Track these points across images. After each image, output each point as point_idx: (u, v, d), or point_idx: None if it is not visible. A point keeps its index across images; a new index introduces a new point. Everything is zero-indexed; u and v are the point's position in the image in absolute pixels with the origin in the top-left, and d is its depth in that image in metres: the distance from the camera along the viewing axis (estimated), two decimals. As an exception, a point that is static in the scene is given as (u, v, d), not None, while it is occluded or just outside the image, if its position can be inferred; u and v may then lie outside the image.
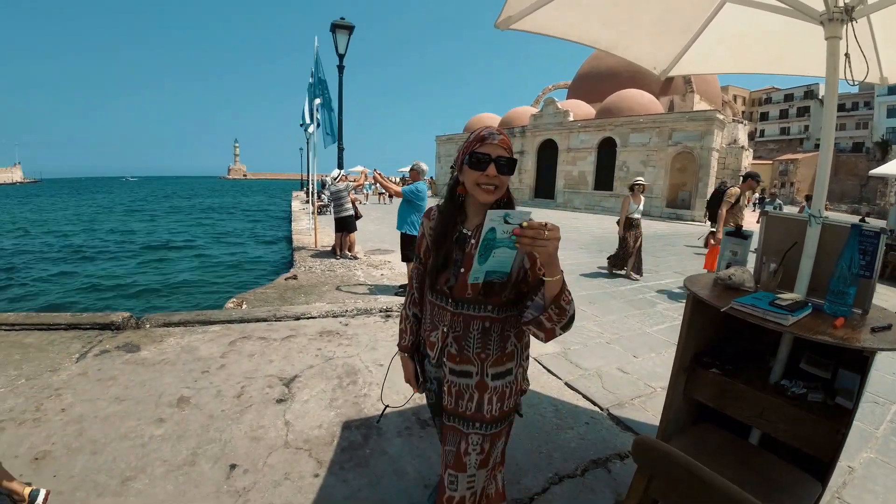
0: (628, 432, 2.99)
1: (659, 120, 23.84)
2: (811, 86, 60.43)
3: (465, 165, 1.40)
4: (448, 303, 1.49)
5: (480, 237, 1.14)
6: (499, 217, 1.09)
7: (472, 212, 1.51)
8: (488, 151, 1.37)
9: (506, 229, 1.10)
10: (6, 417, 2.99)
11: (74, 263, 13.70)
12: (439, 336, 1.53)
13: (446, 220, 1.52)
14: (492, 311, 1.46)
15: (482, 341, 1.48)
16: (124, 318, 4.63)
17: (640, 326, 5.15)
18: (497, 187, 1.40)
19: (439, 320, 1.54)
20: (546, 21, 2.52)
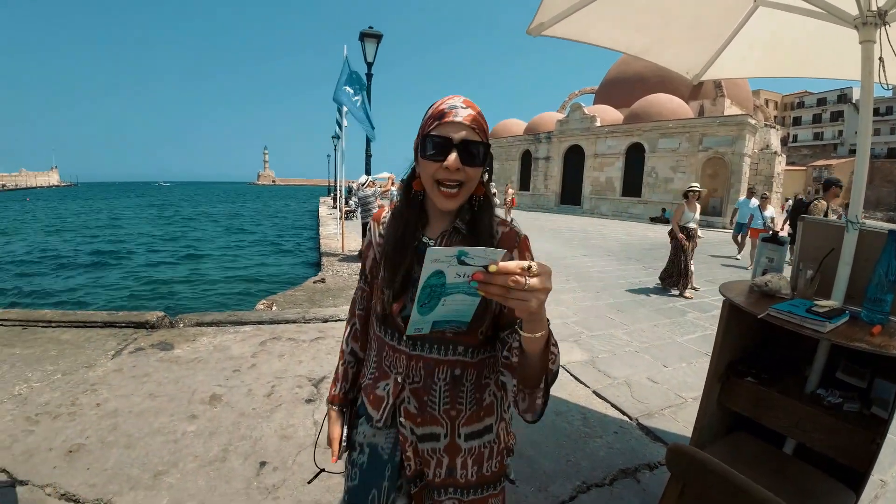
0: (658, 443, 2.93)
1: (689, 125, 23.45)
2: (844, 89, 58.54)
3: (420, 154, 1.03)
4: (403, 342, 1.08)
5: (420, 281, 0.75)
6: (448, 257, 0.73)
7: (436, 213, 1.11)
8: (448, 133, 0.97)
9: (462, 272, 0.74)
10: (42, 411, 3.10)
11: (107, 266, 14.17)
12: (390, 389, 1.10)
13: (402, 225, 1.10)
14: (464, 354, 1.07)
15: (451, 394, 1.08)
16: (159, 318, 4.77)
17: (669, 335, 5.05)
18: (461, 185, 1.01)
19: (391, 366, 1.11)
20: (578, 27, 2.51)
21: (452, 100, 1.01)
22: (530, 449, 2.75)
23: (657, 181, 24.78)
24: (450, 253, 0.73)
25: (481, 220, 1.07)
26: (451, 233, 1.08)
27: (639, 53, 2.86)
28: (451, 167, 0.97)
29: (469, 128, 0.98)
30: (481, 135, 1.00)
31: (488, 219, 1.08)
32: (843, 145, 58.12)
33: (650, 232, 18.33)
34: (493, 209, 1.10)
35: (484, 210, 1.09)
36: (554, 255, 10.81)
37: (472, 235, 1.05)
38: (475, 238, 1.04)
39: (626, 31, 2.70)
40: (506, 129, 36.84)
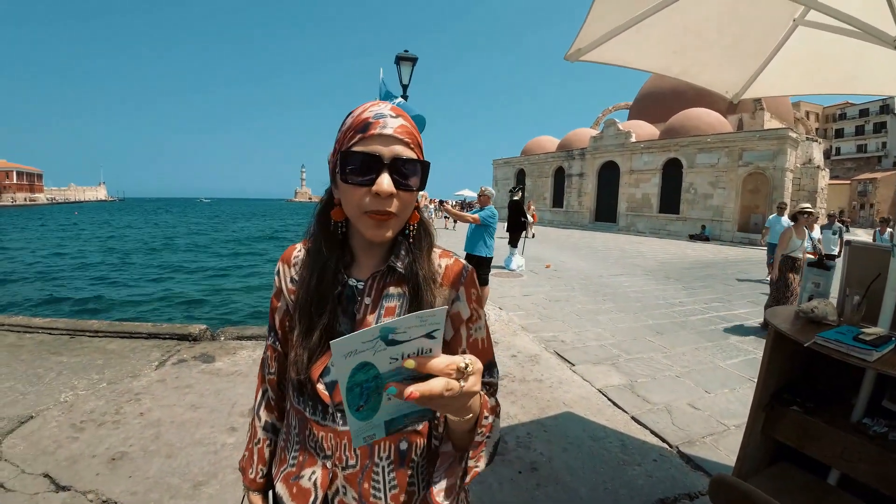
0: (699, 471, 2.82)
1: (728, 139, 22.91)
2: (886, 100, 56.36)
3: (338, 175, 0.80)
4: (329, 415, 0.84)
5: (340, 383, 0.56)
6: (368, 344, 0.54)
7: (363, 249, 0.89)
8: (376, 150, 0.76)
9: (398, 353, 0.56)
10: (87, 418, 3.22)
11: (156, 280, 14.72)
12: (318, 478, 0.85)
13: (320, 266, 0.86)
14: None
15: (399, 475, 0.84)
16: (201, 331, 4.93)
17: (711, 360, 4.87)
18: (393, 216, 0.80)
19: (315, 447, 0.86)
20: (616, 52, 2.50)
21: (378, 107, 0.80)
22: (566, 475, 2.69)
23: (696, 197, 24.19)
24: (368, 338, 0.54)
25: (420, 256, 0.87)
26: (385, 273, 0.87)
27: (677, 75, 2.83)
28: (382, 193, 0.76)
29: (402, 142, 0.78)
30: (417, 151, 0.81)
31: (428, 251, 0.90)
32: (887, 157, 55.92)
33: (689, 250, 17.81)
34: (433, 238, 0.92)
35: (422, 241, 0.89)
36: (589, 274, 10.65)
37: (411, 276, 0.85)
38: (415, 278, 0.85)
39: (663, 54, 2.69)
40: (539, 145, 36.82)
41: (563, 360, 4.68)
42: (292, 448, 0.91)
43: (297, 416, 0.89)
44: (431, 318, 0.55)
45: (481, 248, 6.09)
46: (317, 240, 0.89)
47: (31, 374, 3.92)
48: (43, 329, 5.06)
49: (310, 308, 0.85)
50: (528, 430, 3.20)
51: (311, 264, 0.88)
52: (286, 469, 0.90)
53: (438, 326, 0.56)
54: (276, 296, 0.96)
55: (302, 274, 0.90)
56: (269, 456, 1.01)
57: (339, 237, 0.88)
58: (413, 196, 0.82)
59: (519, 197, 10.24)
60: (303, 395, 0.86)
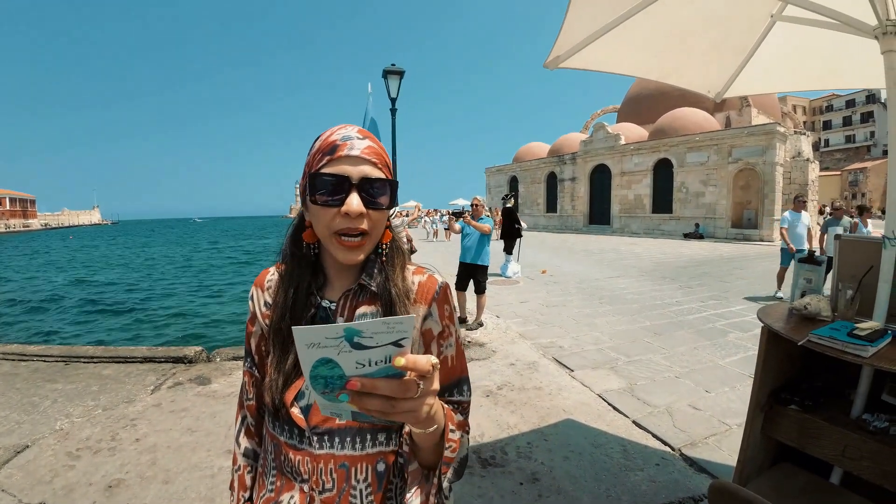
0: (703, 474, 2.80)
1: (716, 137, 23.11)
2: (872, 90, 57.26)
3: (308, 198, 0.82)
4: (304, 439, 0.83)
5: (304, 371, 0.56)
6: (332, 341, 0.53)
7: (336, 270, 0.90)
8: (344, 171, 0.78)
9: (365, 359, 0.55)
10: (83, 446, 3.18)
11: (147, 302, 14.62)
12: (296, 503, 0.84)
13: (292, 288, 0.87)
14: (386, 442, 0.84)
15: (377, 497, 0.84)
16: (196, 352, 4.88)
17: (711, 358, 4.86)
18: (366, 234, 0.82)
19: (292, 471, 0.85)
20: (595, 57, 2.52)
21: (345, 129, 0.82)
22: (568, 484, 2.66)
23: (688, 196, 24.35)
24: (332, 334, 0.52)
25: (393, 273, 0.88)
26: (357, 292, 0.88)
27: (659, 78, 2.85)
28: (352, 213, 0.77)
29: (369, 162, 0.80)
30: (385, 170, 0.83)
31: (401, 269, 0.90)
32: (876, 146, 56.78)
33: (684, 249, 17.86)
34: (406, 256, 0.93)
35: (395, 259, 0.90)
36: (585, 278, 10.65)
37: (384, 293, 0.86)
38: (388, 295, 0.85)
39: (643, 57, 2.70)
40: (530, 152, 37.02)
41: (561, 366, 4.66)
42: (270, 473, 0.90)
43: (273, 440, 0.88)
44: (398, 325, 0.54)
45: (485, 256, 6.19)
46: (289, 263, 0.90)
47: (27, 403, 3.87)
48: (37, 356, 5.00)
49: (283, 331, 0.85)
50: (528, 439, 3.16)
51: (285, 287, 0.88)
52: (265, 494, 0.90)
53: (406, 335, 0.54)
54: (251, 321, 0.96)
55: (275, 297, 0.90)
56: (250, 482, 1.00)
57: (312, 259, 0.89)
58: (384, 215, 0.84)
59: (512, 204, 10.27)
60: (278, 419, 0.86)
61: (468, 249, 6.19)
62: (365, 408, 0.57)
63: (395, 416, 0.59)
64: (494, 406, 3.69)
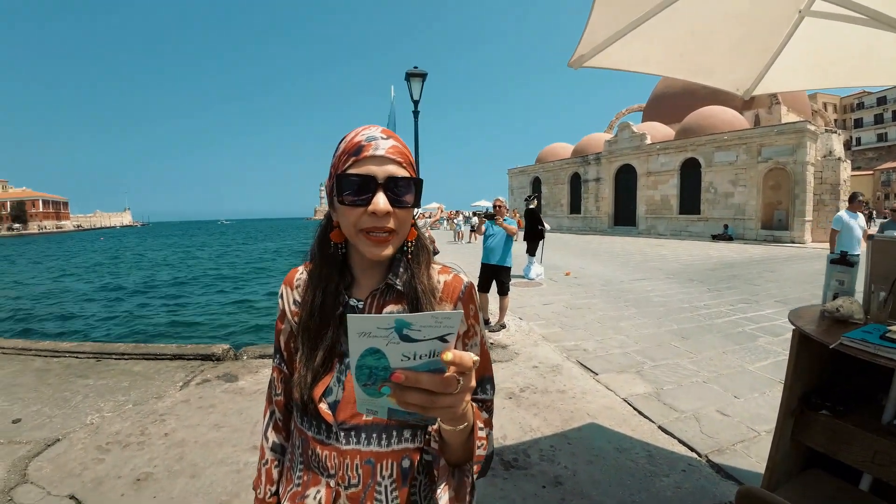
0: (730, 481, 2.73)
1: (745, 136, 22.53)
2: (905, 86, 55.36)
3: (335, 198, 0.84)
4: (332, 434, 0.85)
5: (351, 360, 0.57)
6: (383, 331, 0.54)
7: (363, 269, 0.92)
8: (370, 170, 0.80)
9: (411, 352, 0.56)
10: (113, 440, 3.27)
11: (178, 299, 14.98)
12: (322, 497, 0.85)
13: (321, 287, 0.89)
14: (412, 439, 0.85)
15: (403, 494, 0.85)
16: (224, 350, 4.99)
17: (740, 363, 4.74)
18: (393, 232, 0.83)
19: (319, 466, 0.87)
20: (620, 57, 2.48)
21: (369, 130, 0.84)
22: (592, 488, 2.63)
23: (717, 196, 23.79)
24: (384, 325, 0.53)
25: (419, 271, 0.89)
26: (384, 291, 0.89)
27: (686, 77, 2.79)
28: (379, 212, 0.79)
29: (395, 162, 0.82)
30: (409, 169, 0.84)
31: (426, 267, 0.91)
32: (909, 145, 54.82)
33: (712, 251, 17.45)
34: (430, 254, 0.94)
35: (420, 257, 0.91)
36: (610, 280, 10.51)
37: (410, 291, 0.87)
38: (413, 294, 0.87)
39: (670, 55, 2.64)
40: (553, 152, 36.74)
41: (585, 369, 4.61)
42: (297, 468, 0.92)
43: (301, 435, 0.91)
44: (446, 320, 0.54)
45: (509, 258, 6.15)
46: (317, 262, 0.93)
47: (58, 398, 4.00)
48: (70, 353, 5.17)
49: (312, 329, 0.87)
50: (551, 443, 3.14)
51: (313, 286, 0.90)
52: (292, 489, 0.92)
53: (452, 330, 0.55)
54: (281, 318, 0.99)
55: (304, 296, 0.92)
56: (276, 476, 1.02)
57: (339, 258, 0.91)
58: (409, 213, 0.85)
59: (535, 205, 10.20)
60: (306, 414, 0.88)
61: (492, 251, 6.16)
62: (405, 401, 0.57)
63: (434, 411, 0.59)
64: (517, 408, 3.67)
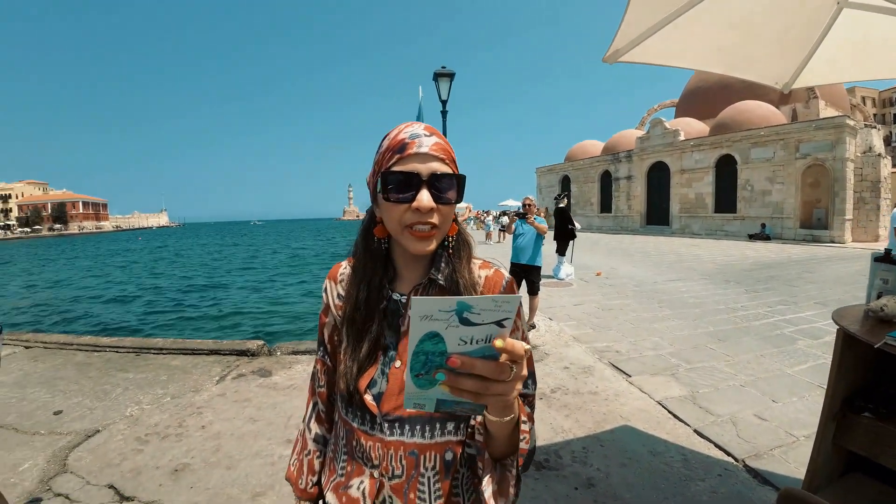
0: (767, 486, 2.66)
1: (782, 131, 21.73)
2: (946, 78, 52.37)
3: (380, 195, 0.85)
4: (376, 426, 0.86)
5: (409, 345, 0.57)
6: (444, 314, 0.54)
7: (405, 263, 0.93)
8: (414, 167, 0.81)
9: (469, 336, 0.56)
10: (151, 432, 3.38)
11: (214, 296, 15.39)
12: (366, 488, 0.86)
13: (365, 281, 0.91)
14: (455, 432, 0.86)
15: (445, 486, 0.86)
16: (258, 346, 5.13)
17: (778, 367, 4.59)
18: (436, 227, 0.83)
19: (363, 457, 0.88)
20: (657, 50, 2.43)
21: (412, 127, 0.84)
22: (625, 491, 2.59)
23: (753, 194, 23.03)
24: (446, 307, 0.54)
25: (460, 266, 0.91)
26: (427, 285, 0.91)
27: (723, 71, 2.72)
28: (423, 209, 0.80)
29: (438, 158, 0.82)
30: (452, 165, 0.85)
31: (467, 261, 0.93)
32: (952, 140, 51.91)
33: (749, 251, 16.92)
34: (472, 249, 0.95)
35: (461, 252, 0.93)
36: (643, 281, 10.30)
37: (452, 285, 0.89)
38: (455, 288, 0.89)
39: (706, 50, 2.58)
40: (583, 150, 36.25)
41: (618, 371, 4.53)
42: (340, 458, 0.93)
43: (346, 426, 0.92)
44: (505, 304, 0.55)
45: (539, 257, 6.07)
46: (361, 257, 0.94)
47: (99, 391, 4.17)
48: (110, 347, 5.40)
49: (357, 322, 0.89)
50: (583, 444, 3.10)
51: (357, 280, 0.92)
52: (335, 479, 0.93)
53: (510, 315, 0.55)
54: (325, 312, 1.00)
55: (348, 290, 0.94)
56: (318, 467, 1.04)
57: (382, 253, 0.92)
58: (452, 209, 0.86)
59: (565, 204, 10.09)
60: (351, 405, 0.89)
61: (522, 250, 6.09)
62: (459, 387, 0.58)
63: (485, 398, 0.60)
64: (548, 409, 3.64)
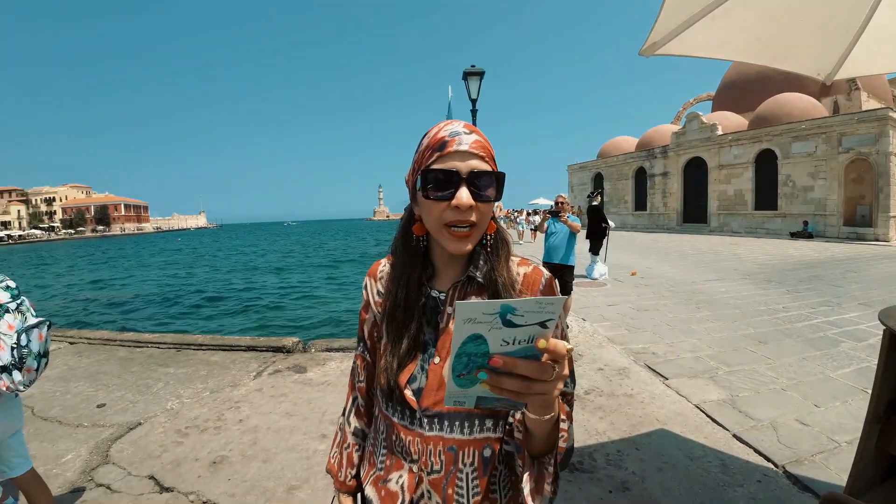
0: (807, 493, 2.57)
1: (824, 125, 20.67)
2: None
3: (419, 193, 0.85)
4: (416, 421, 0.87)
5: (452, 347, 0.57)
6: (488, 317, 0.55)
7: (444, 261, 0.94)
8: (454, 165, 0.81)
9: (511, 337, 0.56)
10: (192, 425, 3.50)
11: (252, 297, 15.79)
12: (405, 482, 0.88)
13: (405, 278, 0.92)
14: (494, 429, 0.86)
15: (483, 482, 0.86)
16: (293, 343, 5.25)
17: (821, 370, 4.41)
18: (475, 225, 0.84)
19: (402, 451, 0.89)
20: (694, 42, 2.37)
21: (452, 125, 0.84)
22: (661, 496, 2.54)
23: (795, 190, 22.05)
24: (490, 310, 0.54)
25: (498, 264, 0.91)
26: (465, 283, 0.91)
27: (763, 62, 2.63)
28: (462, 206, 0.80)
29: (477, 156, 0.82)
30: (491, 163, 0.85)
31: (505, 259, 0.92)
32: None
33: (791, 249, 16.26)
34: (510, 247, 0.95)
35: (500, 250, 0.92)
36: (680, 280, 10.01)
37: (490, 283, 0.88)
38: (494, 286, 0.88)
39: (745, 40, 2.50)
40: (616, 146, 35.54)
41: (655, 373, 4.44)
42: (380, 452, 0.95)
43: (386, 420, 0.93)
44: (549, 305, 0.55)
45: (572, 256, 5.98)
46: (400, 255, 0.95)
47: (141, 385, 4.34)
48: (152, 343, 5.63)
49: (397, 318, 0.91)
50: (618, 447, 3.06)
51: (396, 277, 0.93)
52: (375, 473, 0.95)
53: (553, 316, 0.55)
54: (365, 308, 1.03)
55: (388, 287, 0.95)
56: (357, 460, 1.06)
57: (421, 251, 0.94)
58: (490, 206, 0.86)
59: (598, 202, 9.91)
60: (391, 400, 0.91)
61: (555, 249, 6.01)
62: (501, 387, 0.58)
63: (527, 397, 0.60)
64: (582, 410, 3.60)
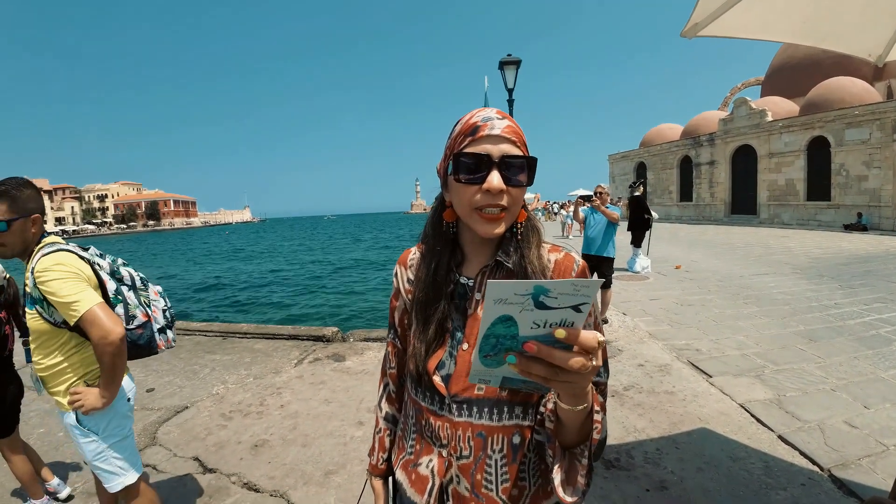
0: (852, 498, 2.48)
1: (878, 110, 19.20)
2: None
3: (451, 177, 0.85)
4: (445, 406, 0.88)
5: (480, 328, 0.55)
6: (520, 297, 0.52)
7: (473, 247, 0.94)
8: (486, 150, 0.81)
9: (542, 320, 0.54)
10: (235, 409, 3.66)
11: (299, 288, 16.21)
12: (435, 466, 0.89)
13: (433, 264, 0.93)
14: (523, 416, 0.86)
15: (511, 468, 0.86)
16: (333, 332, 5.42)
17: (873, 370, 4.20)
18: (506, 210, 0.83)
19: (431, 436, 0.91)
20: (738, 22, 2.27)
21: (484, 111, 0.85)
22: (700, 496, 2.49)
23: (848, 180, 20.61)
24: (522, 291, 0.52)
25: (528, 252, 0.89)
26: (494, 268, 0.90)
27: (810, 43, 2.49)
28: (493, 190, 0.80)
29: (509, 141, 0.82)
30: (523, 148, 0.84)
31: (537, 246, 0.91)
32: None
33: (845, 243, 15.39)
34: (541, 234, 0.94)
35: (530, 237, 0.92)
36: (727, 275, 9.63)
37: (520, 270, 0.88)
38: (524, 273, 0.87)
39: (792, 21, 2.37)
40: (660, 135, 34.38)
41: (698, 370, 4.32)
42: (410, 436, 0.97)
43: (415, 406, 0.95)
44: (585, 288, 0.52)
45: (611, 248, 5.87)
46: (430, 240, 0.96)
47: (188, 370, 4.56)
48: (199, 332, 5.92)
49: (425, 305, 0.91)
50: (657, 445, 3.01)
51: (426, 263, 0.94)
52: (405, 457, 0.97)
53: (588, 300, 0.53)
54: (395, 296, 1.05)
55: (417, 274, 0.97)
56: (388, 444, 1.09)
57: (451, 237, 0.94)
58: (522, 192, 0.85)
59: (641, 192, 9.63)
60: (420, 385, 0.92)
61: (593, 240, 5.90)
62: (530, 371, 0.56)
63: (555, 383, 0.58)
64: (620, 407, 3.56)
